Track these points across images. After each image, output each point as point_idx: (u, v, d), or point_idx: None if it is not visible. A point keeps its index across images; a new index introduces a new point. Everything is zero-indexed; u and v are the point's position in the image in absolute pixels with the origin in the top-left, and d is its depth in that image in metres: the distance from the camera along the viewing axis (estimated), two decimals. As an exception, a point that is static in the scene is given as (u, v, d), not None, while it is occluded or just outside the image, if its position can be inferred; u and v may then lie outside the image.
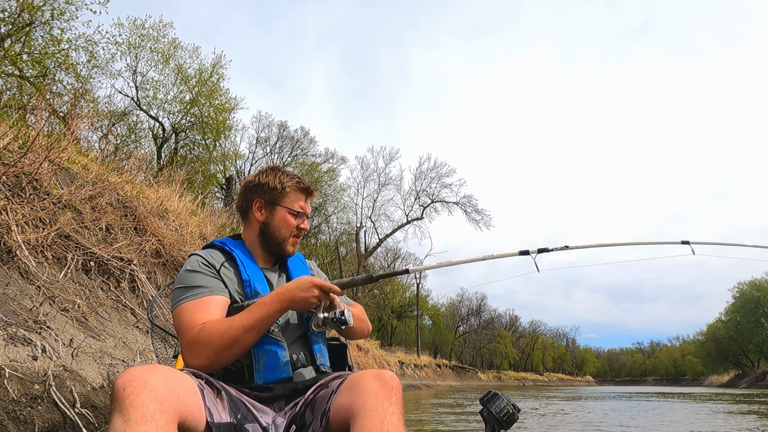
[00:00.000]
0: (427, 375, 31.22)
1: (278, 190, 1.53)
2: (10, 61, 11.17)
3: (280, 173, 1.56)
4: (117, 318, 3.75)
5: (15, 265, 3.11)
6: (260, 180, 1.55)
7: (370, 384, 1.15)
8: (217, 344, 1.26)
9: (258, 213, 1.55)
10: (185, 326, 1.32)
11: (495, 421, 1.38)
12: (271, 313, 1.32)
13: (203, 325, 1.30)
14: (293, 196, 1.55)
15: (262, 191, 1.54)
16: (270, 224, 1.53)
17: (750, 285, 53.38)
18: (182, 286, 1.40)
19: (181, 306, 1.36)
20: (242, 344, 1.29)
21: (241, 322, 1.29)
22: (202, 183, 17.13)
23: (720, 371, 65.64)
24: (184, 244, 5.38)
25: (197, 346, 1.27)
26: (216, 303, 1.37)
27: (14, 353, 2.26)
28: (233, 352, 1.29)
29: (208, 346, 1.26)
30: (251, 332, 1.29)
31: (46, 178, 3.87)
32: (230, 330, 1.28)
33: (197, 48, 18.38)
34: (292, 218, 1.54)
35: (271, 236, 1.54)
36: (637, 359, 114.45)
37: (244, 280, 1.46)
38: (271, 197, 1.53)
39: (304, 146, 26.74)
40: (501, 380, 52.41)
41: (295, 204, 1.55)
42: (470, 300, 55.94)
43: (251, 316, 1.30)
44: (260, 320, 1.30)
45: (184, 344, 1.31)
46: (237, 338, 1.27)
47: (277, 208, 1.53)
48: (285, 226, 1.53)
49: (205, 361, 1.27)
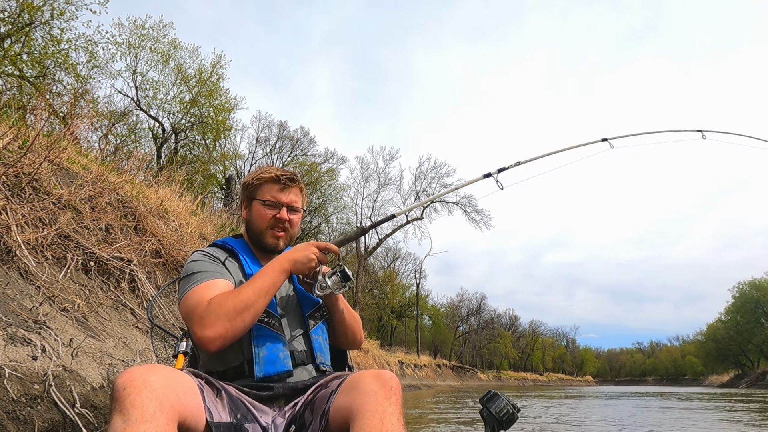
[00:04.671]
0: (426, 375, 31.22)
1: (252, 185, 1.58)
2: (9, 61, 11.17)
3: (260, 169, 1.60)
4: (117, 318, 3.75)
5: (15, 265, 3.11)
6: (244, 180, 1.62)
7: (370, 384, 1.15)
8: (229, 310, 1.28)
9: (244, 212, 1.61)
10: (193, 305, 1.33)
11: (495, 421, 1.38)
12: (276, 275, 1.36)
13: (212, 299, 1.32)
14: (266, 187, 1.57)
15: (244, 190, 1.61)
16: (250, 219, 1.58)
17: (750, 285, 53.44)
18: (187, 275, 1.42)
19: (188, 292, 1.37)
20: (254, 309, 1.31)
21: (250, 287, 1.33)
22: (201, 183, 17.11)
23: (720, 371, 65.67)
24: (184, 244, 5.38)
25: (209, 316, 1.28)
26: (222, 285, 1.39)
27: (14, 353, 2.26)
28: (246, 318, 1.29)
29: (221, 314, 1.27)
30: (261, 296, 1.32)
31: (46, 178, 3.87)
32: (240, 295, 1.31)
33: (197, 48, 18.41)
34: (265, 209, 1.55)
35: (252, 231, 1.58)
36: (637, 359, 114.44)
37: (248, 274, 1.47)
38: (248, 193, 1.59)
39: (304, 146, 26.74)
40: (501, 380, 52.41)
41: (267, 195, 1.55)
42: (470, 300, 56.03)
43: (258, 281, 1.34)
44: (267, 283, 1.34)
45: (195, 319, 1.29)
46: (248, 302, 1.30)
47: (253, 202, 1.57)
48: (260, 218, 1.55)
49: (220, 329, 1.26)
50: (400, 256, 39.46)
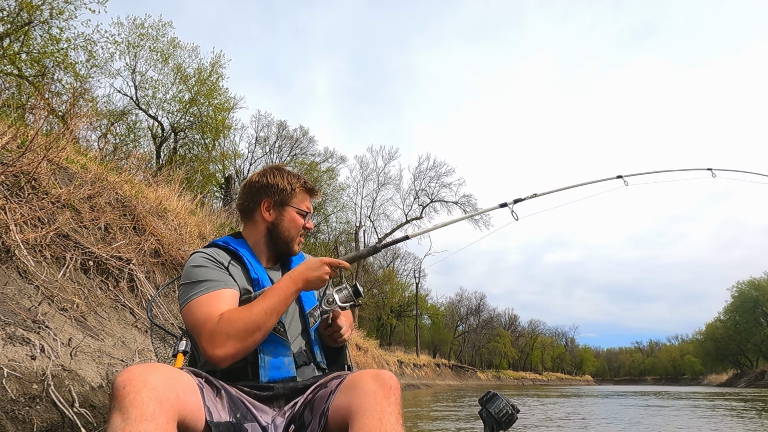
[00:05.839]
0: (426, 374, 31.24)
1: (287, 191, 1.55)
2: (8, 61, 11.16)
3: (288, 174, 1.58)
4: (116, 317, 3.75)
5: (13, 264, 3.11)
6: (269, 180, 1.55)
7: (369, 384, 1.15)
8: (240, 331, 1.26)
9: (266, 213, 1.55)
10: (202, 319, 1.29)
11: (494, 422, 1.38)
12: (288, 296, 1.35)
13: (221, 315, 1.29)
14: (301, 196, 1.57)
15: (271, 192, 1.55)
16: (279, 224, 1.55)
17: (749, 284, 53.54)
18: (191, 282, 1.37)
19: (193, 301, 1.33)
20: (265, 328, 1.30)
21: (261, 306, 1.30)
22: (201, 182, 17.13)
23: (719, 370, 65.74)
24: (183, 243, 5.38)
25: (220, 335, 1.25)
26: (229, 296, 1.36)
27: (13, 353, 2.26)
28: (257, 338, 1.29)
29: (231, 334, 1.25)
30: (272, 315, 1.31)
31: (45, 178, 3.86)
32: (251, 315, 1.28)
33: (196, 47, 18.43)
34: (300, 218, 1.56)
35: (280, 236, 1.55)
36: (636, 359, 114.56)
37: (254, 279, 1.45)
38: (280, 198, 1.55)
39: (304, 146, 26.73)
40: (500, 380, 52.46)
41: (303, 204, 1.57)
42: (469, 299, 56.10)
43: (269, 300, 1.32)
44: (278, 303, 1.32)
45: (205, 336, 1.27)
46: (259, 322, 1.28)
47: (287, 208, 1.55)
48: (294, 226, 1.55)
49: (231, 350, 1.25)
50: (399, 255, 39.50)
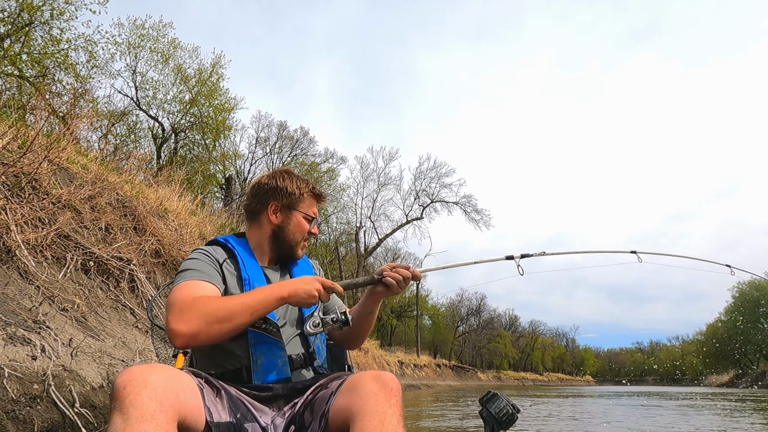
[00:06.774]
0: (426, 375, 31.23)
1: (296, 195, 1.56)
2: (9, 61, 11.16)
3: (297, 178, 1.59)
4: (116, 318, 3.75)
5: (14, 264, 3.11)
6: (278, 183, 1.56)
7: (370, 385, 1.15)
8: (210, 313, 1.23)
9: (273, 216, 1.56)
10: (180, 298, 1.28)
11: (494, 422, 1.39)
12: (271, 299, 1.31)
13: (198, 297, 1.28)
14: (308, 201, 1.59)
15: (279, 194, 1.55)
16: (285, 228, 1.56)
17: (749, 285, 53.45)
18: (182, 270, 1.41)
19: (179, 285, 1.35)
20: (235, 322, 1.25)
21: (240, 300, 1.29)
22: (201, 183, 17.14)
23: (719, 371, 65.62)
24: (184, 243, 5.38)
25: (189, 311, 1.24)
26: (209, 289, 1.36)
27: (13, 353, 2.26)
28: (224, 328, 1.24)
29: (200, 314, 1.23)
30: (248, 312, 1.27)
31: (46, 178, 3.87)
32: (226, 304, 1.27)
33: (197, 48, 18.40)
34: (306, 223, 1.57)
35: (284, 239, 1.56)
36: (637, 359, 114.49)
37: (243, 279, 1.46)
38: (288, 201, 1.56)
39: (304, 146, 26.75)
40: (501, 380, 52.41)
41: (310, 209, 1.59)
42: (470, 300, 56.00)
43: (251, 296, 1.30)
44: (260, 302, 1.29)
45: (175, 310, 1.25)
46: (233, 313, 1.25)
47: (293, 212, 1.56)
48: (299, 231, 1.57)
49: (194, 327, 1.21)
50: (400, 255, 39.47)
